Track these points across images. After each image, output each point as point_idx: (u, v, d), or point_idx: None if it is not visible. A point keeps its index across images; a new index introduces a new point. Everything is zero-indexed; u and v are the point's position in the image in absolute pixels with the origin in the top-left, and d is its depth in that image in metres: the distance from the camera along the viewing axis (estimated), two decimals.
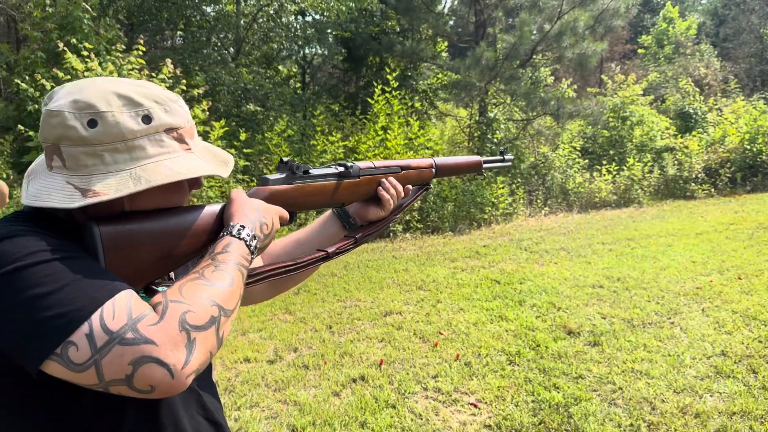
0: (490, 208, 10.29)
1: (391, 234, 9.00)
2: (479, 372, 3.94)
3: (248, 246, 0.97)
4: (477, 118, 13.06)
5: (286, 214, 1.15)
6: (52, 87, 7.51)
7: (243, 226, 0.99)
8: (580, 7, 11.78)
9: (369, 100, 10.95)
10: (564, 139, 13.33)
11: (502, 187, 10.66)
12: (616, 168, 12.48)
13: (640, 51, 25.37)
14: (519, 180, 11.67)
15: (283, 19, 14.18)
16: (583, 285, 5.90)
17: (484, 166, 1.72)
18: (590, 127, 13.97)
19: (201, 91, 9.13)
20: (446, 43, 14.94)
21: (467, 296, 5.67)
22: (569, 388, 3.63)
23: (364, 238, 1.37)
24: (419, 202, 9.50)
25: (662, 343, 4.27)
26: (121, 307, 0.78)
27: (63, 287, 0.78)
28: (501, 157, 1.81)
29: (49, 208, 0.91)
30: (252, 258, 0.99)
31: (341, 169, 1.32)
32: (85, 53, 7.89)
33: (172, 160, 0.95)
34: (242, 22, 13.77)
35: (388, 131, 9.65)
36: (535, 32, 12.24)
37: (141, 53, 8.50)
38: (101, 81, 0.94)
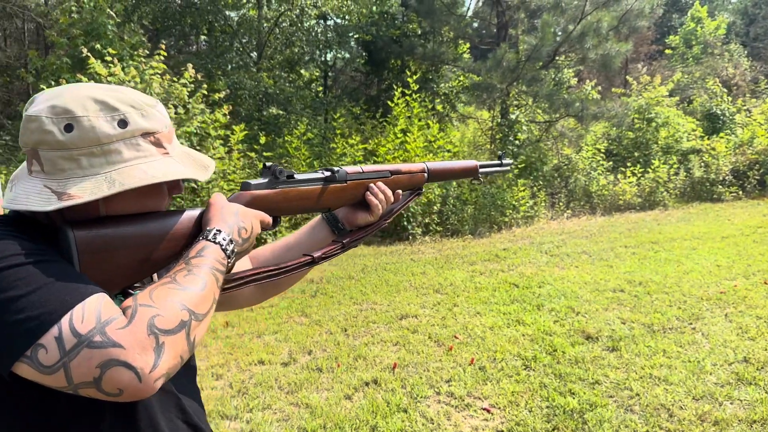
0: (510, 211, 10.20)
1: (410, 237, 8.97)
2: (493, 377, 3.89)
3: (224, 250, 0.97)
4: (498, 120, 12.97)
5: (268, 219, 1.15)
6: None
7: (219, 231, 0.99)
8: (603, 8, 11.64)
9: (389, 103, 10.95)
10: (588, 141, 13.16)
11: (523, 190, 10.56)
12: (640, 170, 12.29)
13: (667, 51, 24.98)
14: (541, 182, 11.55)
15: (305, 24, 14.26)
16: (604, 289, 5.81)
17: (481, 170, 1.69)
18: (614, 128, 13.78)
19: (222, 95, 9.21)
20: (468, 45, 14.88)
21: (485, 300, 5.61)
22: (585, 393, 3.56)
23: (352, 243, 1.36)
24: (437, 205, 9.45)
25: (682, 349, 4.18)
26: (91, 311, 0.78)
27: (35, 290, 0.78)
28: (499, 162, 1.78)
29: (29, 212, 0.93)
30: (229, 262, 0.99)
31: (327, 173, 1.30)
32: (109, 58, 8.02)
33: (147, 164, 0.95)
34: (264, 26, 13.87)
35: (408, 134, 9.62)
36: (560, 33, 12.12)
37: (162, 58, 8.61)
38: (79, 86, 0.95)
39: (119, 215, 0.97)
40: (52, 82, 8.03)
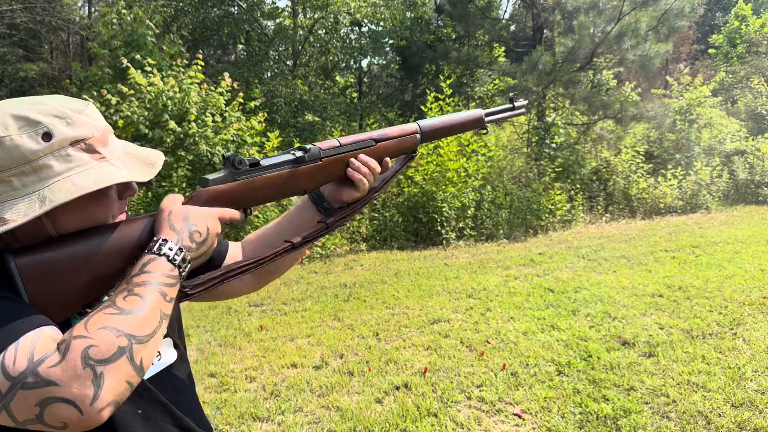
0: (547, 215, 10.06)
1: (444, 242, 8.93)
2: (526, 382, 3.84)
3: (172, 261, 0.92)
4: (535, 123, 12.83)
5: (231, 214, 1.08)
6: (118, 102, 7.89)
7: (165, 240, 0.93)
8: (641, 8, 11.42)
9: (423, 107, 10.94)
10: (627, 143, 12.90)
11: (560, 194, 10.41)
12: (682, 173, 11.98)
13: (710, 51, 24.35)
14: (578, 186, 11.37)
15: (340, 31, 14.39)
16: (642, 294, 5.68)
17: (488, 119, 1.53)
18: (654, 130, 13.48)
19: (258, 103, 9.35)
20: (503, 49, 14.78)
21: (518, 305, 5.55)
22: (619, 400, 3.49)
23: (338, 222, 1.27)
24: (471, 209, 9.39)
25: (722, 355, 4.05)
26: (23, 351, 0.77)
27: None
28: (510, 105, 1.61)
29: None
30: (181, 272, 0.94)
31: (298, 153, 1.20)
32: (148, 69, 8.23)
33: (80, 174, 0.92)
34: (299, 34, 14.05)
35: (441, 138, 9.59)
36: (599, 34, 11.93)
37: (200, 68, 8.79)
38: (0, 105, 0.92)
39: (64, 235, 0.94)
40: (95, 93, 8.27)
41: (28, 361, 0.76)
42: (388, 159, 1.32)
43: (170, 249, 0.92)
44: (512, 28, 16.44)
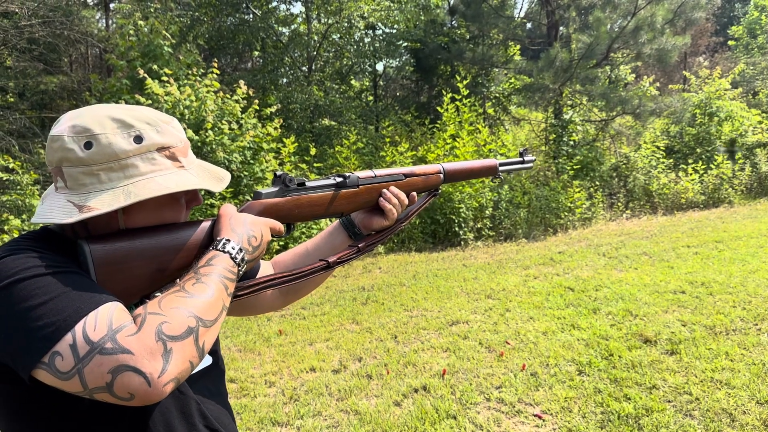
0: (566, 213, 9.98)
1: (462, 242, 8.90)
2: (546, 382, 3.81)
3: (233, 258, 1.01)
4: (552, 120, 12.74)
5: (279, 226, 1.18)
6: None
7: (228, 240, 1.02)
8: (657, 1, 11.29)
9: (439, 108, 10.92)
10: (646, 139, 12.74)
11: (579, 191, 10.31)
12: (703, 167, 11.80)
13: (730, 43, 23.98)
14: (598, 183, 11.25)
15: (355, 35, 14.42)
16: (664, 291, 5.60)
17: (501, 169, 1.68)
18: (674, 125, 13.30)
19: (273, 110, 9.41)
20: (518, 47, 14.70)
21: (538, 305, 5.50)
22: (641, 399, 3.44)
23: (368, 247, 1.37)
24: (489, 209, 9.34)
25: (746, 351, 3.98)
26: (103, 318, 0.83)
27: (52, 299, 0.83)
28: (520, 159, 1.75)
29: (55, 225, 1.01)
30: (239, 270, 1.03)
31: (339, 179, 1.32)
32: (165, 78, 8.32)
33: (162, 176, 1.01)
34: (314, 40, 14.11)
35: (458, 139, 9.57)
36: (616, 29, 11.81)
37: (216, 76, 8.87)
38: (99, 107, 1.01)
39: (134, 228, 1.02)
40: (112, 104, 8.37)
41: (107, 328, 0.82)
42: (414, 194, 1.46)
43: (232, 248, 1.02)
44: (528, 26, 16.34)
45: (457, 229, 8.94)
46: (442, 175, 1.53)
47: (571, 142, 11.94)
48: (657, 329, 4.55)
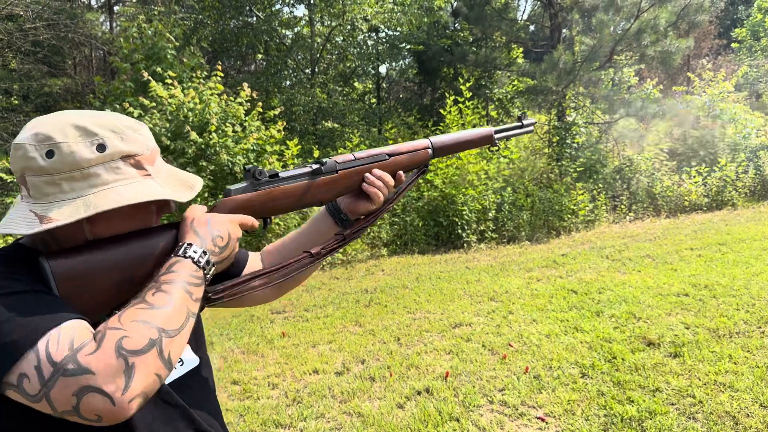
0: (569, 216, 9.97)
1: (465, 245, 8.90)
2: (549, 385, 3.80)
3: (197, 263, 0.98)
4: (555, 123, 12.73)
5: (250, 221, 1.14)
6: (140, 114, 8.00)
7: (190, 244, 0.99)
8: (660, 4, 11.28)
9: (442, 111, 10.94)
10: (650, 141, 12.72)
11: (582, 194, 10.30)
12: (706, 169, 11.78)
13: (734, 45, 23.94)
14: (601, 185, 11.24)
15: (358, 38, 14.44)
16: (667, 293, 5.59)
17: (497, 136, 1.59)
18: (677, 127, 13.28)
19: (277, 112, 9.43)
20: (521, 50, 14.71)
21: (541, 307, 5.50)
22: (645, 401, 3.44)
23: (355, 233, 1.33)
24: (492, 212, 9.34)
25: (750, 354, 3.97)
26: (65, 337, 0.81)
27: (11, 318, 0.82)
28: (519, 123, 1.66)
29: (28, 240, 0.99)
30: (206, 274, 1.00)
31: (315, 166, 1.26)
32: (169, 81, 8.35)
33: (125, 186, 0.98)
34: (317, 42, 14.13)
35: None
36: (619, 31, 11.81)
37: (220, 79, 8.89)
38: (63, 114, 0.99)
39: (98, 240, 0.99)
40: (117, 106, 8.41)
41: (69, 348, 0.80)
42: (401, 173, 1.38)
43: (195, 252, 0.99)
44: (531, 28, 16.35)
45: (460, 231, 8.94)
46: (430, 150, 1.45)
47: (575, 145, 11.93)
48: (660, 332, 4.54)
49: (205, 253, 1.00)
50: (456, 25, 15.09)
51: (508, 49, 14.44)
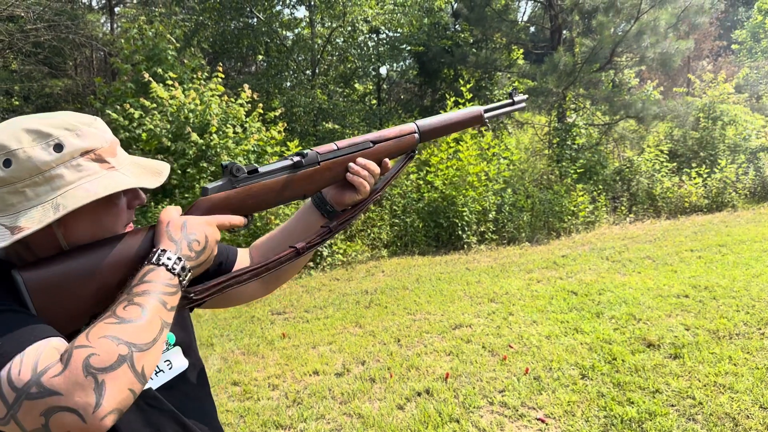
0: (569, 217, 9.97)
1: (465, 246, 8.91)
2: (549, 386, 3.81)
3: (171, 270, 0.94)
4: (555, 124, 12.74)
5: (233, 220, 1.11)
6: (141, 115, 8.02)
7: (164, 251, 0.96)
8: (660, 6, 11.29)
9: (442, 112, 10.94)
10: (650, 143, 12.74)
11: (582, 195, 10.31)
12: (706, 171, 11.79)
13: (734, 47, 23.97)
14: (601, 186, 11.25)
15: (358, 39, 14.45)
16: (667, 295, 5.60)
17: (487, 115, 1.53)
18: (677, 128, 13.30)
19: (277, 113, 9.44)
20: (521, 51, 14.73)
21: (541, 308, 5.51)
22: (645, 403, 3.44)
23: (341, 225, 1.29)
24: (492, 213, 9.35)
25: (750, 356, 3.98)
26: (28, 361, 0.79)
27: None
28: (510, 101, 1.61)
29: (1, 253, 0.97)
30: (181, 281, 0.96)
31: (296, 159, 1.22)
32: (170, 82, 8.36)
33: (91, 182, 0.96)
34: (318, 44, 14.14)
35: (461, 143, 9.58)
36: (620, 33, 11.81)
37: (221, 80, 8.90)
38: (14, 121, 0.97)
39: (71, 249, 0.97)
40: (118, 107, 8.42)
41: (32, 372, 0.78)
42: (387, 160, 1.34)
43: (169, 259, 0.95)
44: (531, 29, 16.37)
45: (460, 232, 8.95)
46: (417, 135, 1.40)
47: (575, 146, 11.93)
48: (660, 333, 4.55)
49: (180, 259, 0.96)
50: (456, 26, 15.10)
51: (509, 50, 14.45)
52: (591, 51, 11.29)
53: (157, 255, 0.95)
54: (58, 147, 0.94)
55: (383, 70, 16.05)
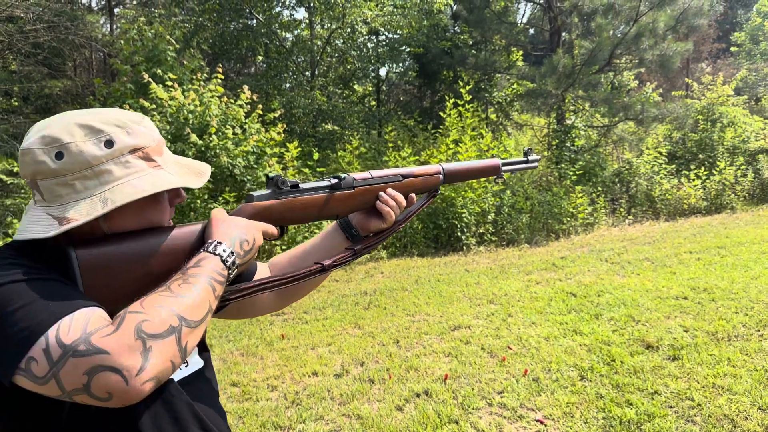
0: (568, 219, 9.99)
1: (465, 248, 8.91)
2: (548, 388, 3.81)
3: (224, 262, 0.99)
4: (555, 126, 12.76)
5: (272, 230, 1.17)
6: None
7: (220, 243, 1.01)
8: (658, 8, 11.32)
9: (441, 113, 10.95)
10: (649, 144, 12.76)
11: (581, 197, 10.32)
12: (705, 173, 11.81)
13: (732, 49, 24.01)
14: (600, 188, 11.26)
15: (358, 40, 14.46)
16: (666, 296, 5.60)
17: (503, 168, 1.65)
18: (676, 131, 13.32)
19: (277, 115, 9.44)
20: (521, 53, 14.75)
21: (540, 310, 5.51)
22: (643, 404, 3.45)
23: (364, 250, 1.35)
24: (492, 215, 9.36)
25: (748, 357, 3.98)
26: (78, 321, 0.82)
27: (28, 304, 0.83)
28: (524, 159, 1.73)
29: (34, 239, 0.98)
30: (230, 273, 1.01)
31: (334, 181, 1.30)
32: (169, 83, 8.36)
33: (138, 179, 0.99)
34: (317, 45, 14.15)
35: (460, 144, 9.59)
36: (619, 35, 11.84)
37: (220, 81, 8.90)
38: (65, 115, 1.00)
39: (122, 233, 1.01)
40: (117, 108, 8.41)
41: (81, 331, 0.81)
42: (413, 195, 1.44)
43: (224, 251, 1.00)
44: (530, 31, 16.39)
45: (459, 234, 8.95)
46: (441, 176, 1.50)
47: (574, 148, 11.96)
48: (659, 335, 4.55)
49: (232, 253, 1.02)
50: (456, 28, 15.13)
51: (508, 52, 14.48)
52: (590, 53, 11.32)
53: (213, 245, 1.00)
54: (109, 143, 0.98)
55: (383, 72, 16.08)
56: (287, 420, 3.63)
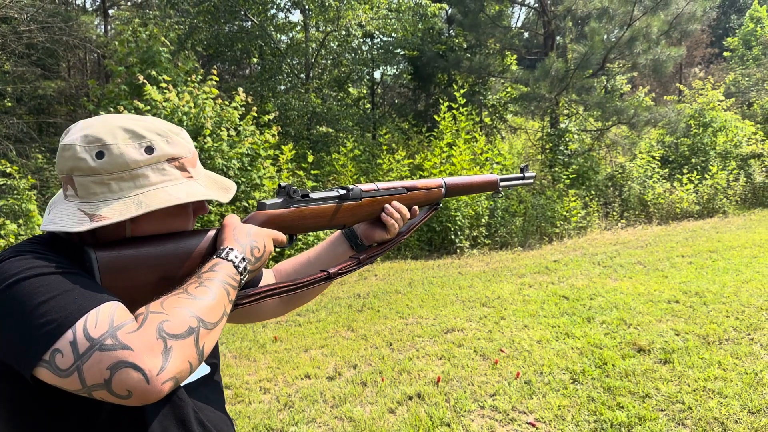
0: (561, 222, 10.02)
1: (458, 250, 8.93)
2: (540, 390, 3.83)
3: (236, 267, 1.02)
4: (548, 129, 12.81)
5: (282, 237, 1.19)
6: None
7: (232, 249, 1.04)
8: (652, 13, 11.39)
9: (435, 117, 10.99)
10: (642, 149, 12.83)
11: (575, 200, 10.36)
12: (698, 177, 11.88)
13: (726, 54, 24.16)
14: (593, 192, 11.31)
15: (352, 43, 14.48)
16: (658, 300, 5.63)
17: (501, 184, 1.71)
18: (669, 135, 13.40)
19: (271, 117, 9.44)
20: (515, 57, 14.80)
21: (533, 313, 5.53)
22: (634, 407, 3.47)
23: (369, 259, 1.39)
24: (485, 218, 9.38)
25: (739, 361, 4.01)
26: (105, 316, 0.84)
27: (55, 296, 0.85)
28: (521, 175, 1.79)
29: (63, 233, 1.01)
30: (242, 279, 1.04)
31: (342, 192, 1.34)
32: (164, 85, 8.35)
33: (172, 186, 1.03)
34: (312, 48, 14.16)
35: (454, 147, 9.62)
36: (612, 39, 11.90)
37: (215, 83, 8.89)
38: (110, 117, 1.03)
39: (140, 237, 1.03)
40: (111, 109, 8.40)
41: (108, 325, 0.83)
42: (416, 207, 1.49)
43: (236, 257, 1.03)
44: (524, 35, 16.45)
45: (453, 237, 8.97)
46: (443, 190, 1.56)
47: (567, 152, 12.00)
48: (651, 338, 4.58)
49: (244, 259, 1.04)
50: (450, 31, 15.17)
51: (502, 56, 14.53)
52: (583, 57, 11.37)
53: (226, 251, 1.03)
54: (149, 149, 1.01)
55: (377, 74, 16.10)
56: (279, 423, 3.63)
